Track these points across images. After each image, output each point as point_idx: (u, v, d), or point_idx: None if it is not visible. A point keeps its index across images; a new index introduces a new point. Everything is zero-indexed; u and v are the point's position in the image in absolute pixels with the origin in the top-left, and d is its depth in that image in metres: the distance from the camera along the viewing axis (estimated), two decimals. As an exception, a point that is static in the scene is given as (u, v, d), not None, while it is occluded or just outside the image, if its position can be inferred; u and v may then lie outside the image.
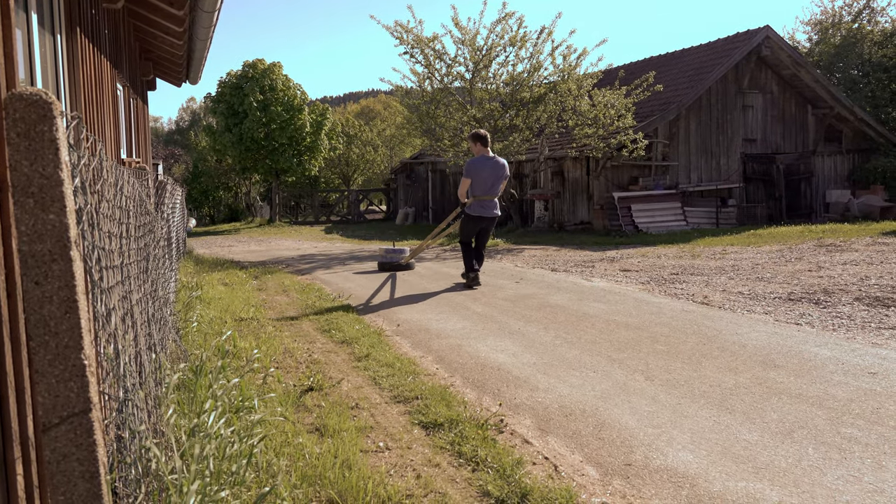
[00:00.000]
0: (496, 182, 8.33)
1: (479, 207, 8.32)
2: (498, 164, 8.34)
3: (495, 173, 8.31)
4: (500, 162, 8.36)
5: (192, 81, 12.13)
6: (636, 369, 4.57)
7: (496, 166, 8.32)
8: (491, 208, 8.38)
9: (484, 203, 8.33)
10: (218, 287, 8.58)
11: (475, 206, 8.33)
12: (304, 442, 3.25)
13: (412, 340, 5.72)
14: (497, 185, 8.35)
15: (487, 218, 8.41)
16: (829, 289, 7.10)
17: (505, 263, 11.30)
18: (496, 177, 8.32)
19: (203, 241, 21.14)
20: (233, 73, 28.31)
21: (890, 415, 3.53)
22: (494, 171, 8.30)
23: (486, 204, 8.34)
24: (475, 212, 8.34)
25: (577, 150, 17.62)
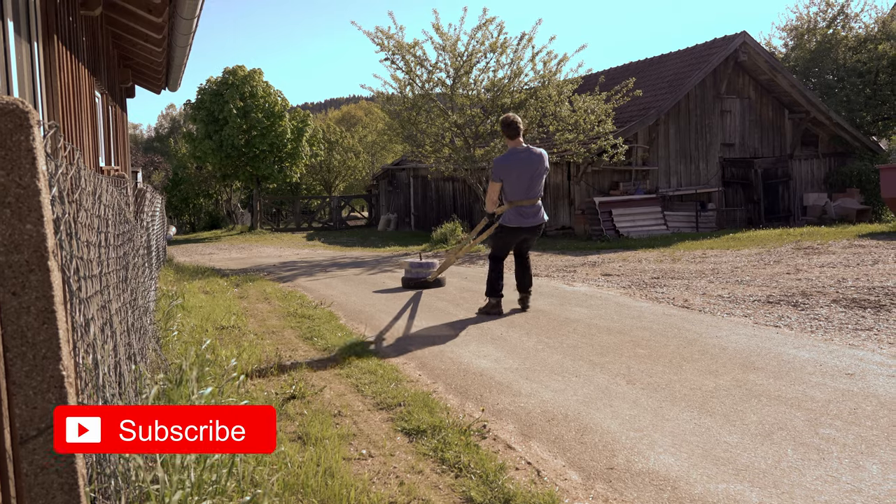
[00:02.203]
0: (535, 180, 6.63)
1: (517, 216, 6.66)
2: (533, 157, 6.61)
3: (532, 169, 6.60)
4: (535, 153, 6.63)
5: (171, 88, 12.07)
6: (618, 373, 4.60)
7: (531, 160, 6.61)
8: (532, 215, 6.68)
9: (523, 209, 6.65)
10: (199, 295, 8.52)
11: (512, 214, 6.68)
12: (287, 450, 3.24)
13: (395, 347, 5.71)
14: (537, 184, 6.65)
15: (528, 228, 6.73)
16: (808, 291, 7.18)
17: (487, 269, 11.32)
18: (534, 173, 6.61)
19: (184, 248, 20.98)
20: (213, 80, 28.19)
21: (867, 415, 3.58)
22: (530, 167, 6.59)
23: (525, 210, 6.65)
24: (513, 221, 6.69)
25: (558, 156, 17.70)
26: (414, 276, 9.08)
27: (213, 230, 33.14)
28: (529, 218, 6.67)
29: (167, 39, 8.28)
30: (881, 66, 22.50)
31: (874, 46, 23.05)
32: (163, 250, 12.53)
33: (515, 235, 6.79)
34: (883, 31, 23.70)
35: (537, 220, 6.72)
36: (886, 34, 23.44)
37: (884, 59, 22.56)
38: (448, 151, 18.23)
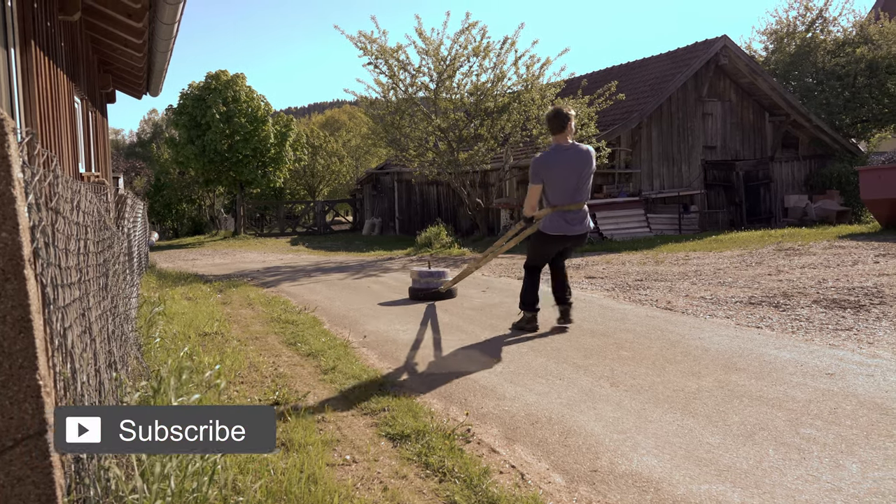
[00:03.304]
0: (581, 181, 5.80)
1: (560, 222, 5.82)
2: (580, 155, 5.78)
3: (578, 169, 5.75)
4: (581, 151, 5.81)
5: (153, 93, 12.00)
6: (602, 375, 4.62)
7: (577, 158, 5.76)
8: (578, 221, 5.85)
9: (567, 215, 5.80)
10: (181, 302, 8.46)
11: (554, 219, 5.83)
12: (270, 457, 3.22)
13: (379, 352, 5.70)
14: (584, 187, 5.83)
15: (573, 237, 5.94)
16: (789, 292, 7.25)
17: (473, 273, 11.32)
18: (580, 174, 5.77)
19: (166, 254, 20.84)
20: (195, 85, 28.04)
21: (847, 414, 3.61)
22: (576, 166, 5.75)
23: (569, 216, 5.81)
24: (555, 229, 5.84)
25: (541, 159, 17.75)
26: (423, 287, 8.26)
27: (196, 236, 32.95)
28: (575, 225, 5.83)
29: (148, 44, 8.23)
30: (859, 69, 22.78)
31: (852, 50, 23.34)
32: (145, 257, 12.43)
33: (557, 244, 5.99)
34: (861, 34, 24.00)
35: (583, 227, 5.87)
36: (864, 38, 23.73)
37: (862, 62, 22.84)
38: (432, 155, 18.25)
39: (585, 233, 5.94)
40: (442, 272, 8.39)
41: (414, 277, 8.48)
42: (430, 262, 9.20)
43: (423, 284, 8.28)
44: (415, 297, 8.24)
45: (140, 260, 9.95)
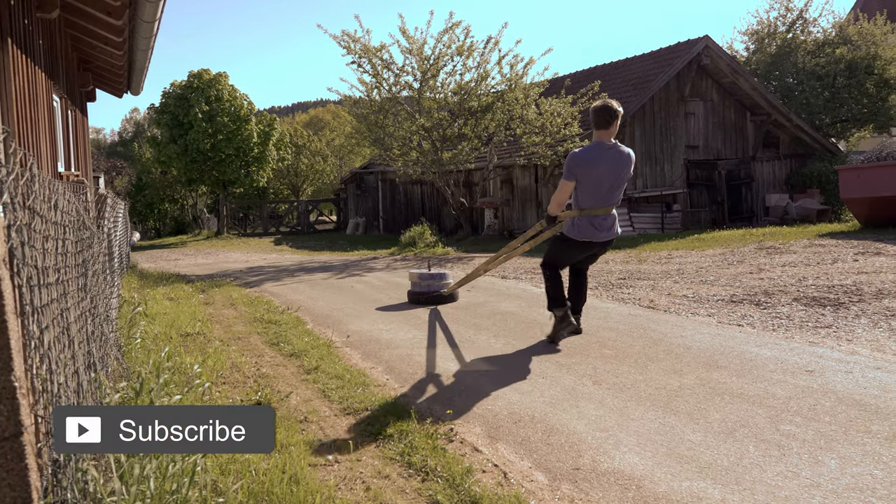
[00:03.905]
0: (617, 185, 5.30)
1: (588, 227, 5.31)
2: (621, 157, 5.25)
3: (617, 171, 5.25)
4: (623, 152, 5.28)
5: (133, 92, 11.90)
6: (584, 374, 4.63)
7: (618, 160, 5.24)
8: (605, 227, 5.35)
9: (595, 220, 5.31)
10: (163, 302, 8.40)
11: (581, 224, 5.32)
12: (251, 458, 3.20)
13: (362, 351, 5.69)
14: (617, 191, 5.34)
15: (598, 243, 5.44)
16: (770, 290, 7.31)
17: (456, 272, 11.32)
18: (618, 177, 5.27)
19: (148, 254, 20.67)
20: (177, 84, 27.84)
21: (826, 411, 3.65)
22: (616, 168, 5.23)
23: (597, 221, 5.31)
24: (582, 233, 5.33)
25: (525, 158, 17.81)
26: (424, 290, 7.68)
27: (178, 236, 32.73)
28: (603, 231, 5.34)
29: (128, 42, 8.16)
30: (839, 69, 23.01)
31: (832, 50, 23.57)
32: (126, 257, 12.32)
33: (581, 251, 5.51)
34: (840, 35, 24.24)
35: (612, 233, 5.41)
36: (843, 38, 23.98)
37: (841, 62, 23.07)
38: (416, 155, 18.24)
39: (613, 239, 5.49)
40: (443, 274, 7.85)
41: (413, 280, 7.88)
42: (430, 263, 8.50)
43: (423, 288, 7.72)
44: (414, 302, 7.74)
45: (121, 260, 9.86)
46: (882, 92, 23.14)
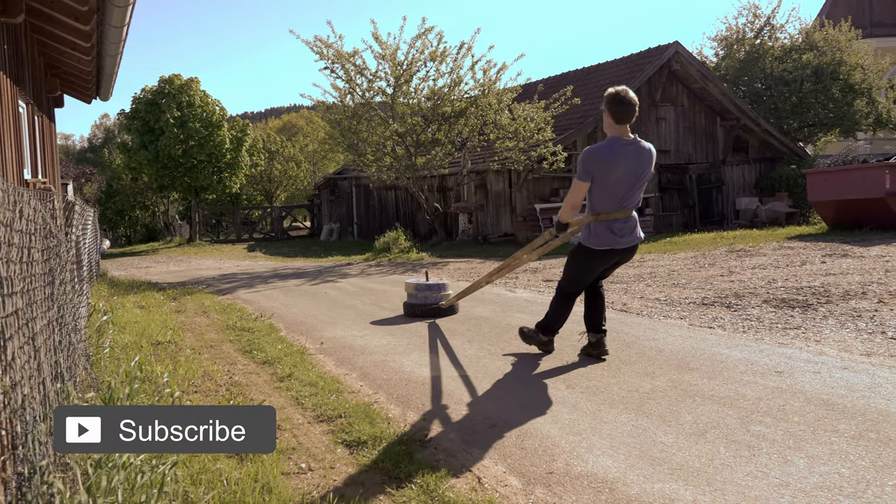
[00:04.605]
0: (637, 185, 4.73)
1: (606, 233, 4.73)
2: (642, 154, 4.69)
3: (638, 170, 4.67)
4: (644, 149, 4.72)
5: (103, 98, 11.74)
6: (558, 378, 4.65)
7: (639, 157, 4.67)
8: (628, 231, 4.78)
9: (614, 224, 4.73)
10: (133, 310, 8.28)
11: (599, 230, 4.75)
12: (223, 467, 3.16)
13: (336, 358, 5.66)
14: (638, 192, 4.78)
15: (620, 251, 4.86)
16: (740, 292, 7.41)
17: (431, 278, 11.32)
18: (639, 176, 4.70)
19: (118, 262, 20.39)
20: (148, 89, 27.52)
21: (794, 411, 3.70)
22: (637, 167, 4.66)
23: (617, 226, 4.73)
24: (601, 241, 4.76)
25: (499, 164, 17.88)
26: (421, 302, 7.16)
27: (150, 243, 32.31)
28: (625, 236, 4.76)
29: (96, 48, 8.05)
30: (805, 74, 23.43)
31: (799, 56, 24.00)
32: (96, 265, 12.14)
33: (602, 261, 4.89)
34: (807, 41, 24.70)
35: (634, 238, 4.81)
36: (810, 44, 24.43)
37: (808, 68, 23.50)
38: (389, 160, 18.22)
39: (636, 245, 4.89)
40: (442, 284, 7.29)
41: (410, 291, 7.31)
42: (427, 271, 7.94)
43: (420, 299, 7.17)
44: (411, 314, 7.22)
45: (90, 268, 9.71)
46: (847, 97, 23.62)
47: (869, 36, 31.99)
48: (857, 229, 13.07)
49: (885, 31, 36.46)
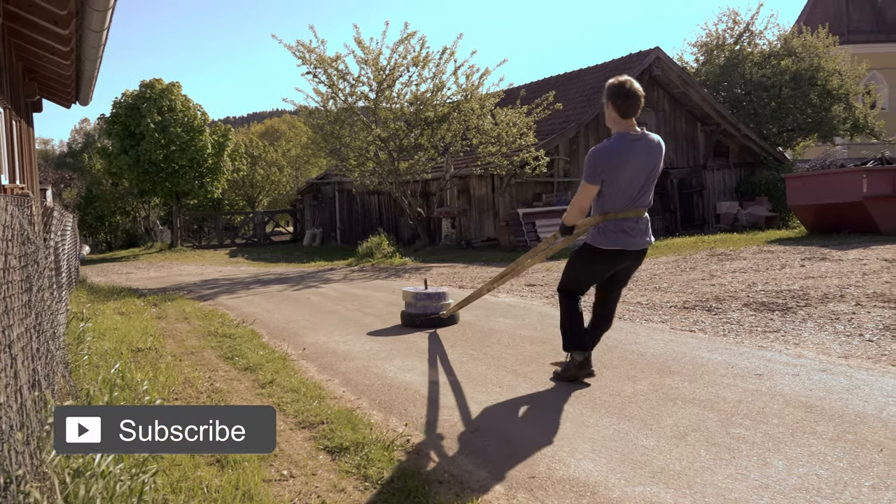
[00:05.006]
0: (649, 182, 4.40)
1: (618, 233, 4.35)
2: (651, 149, 4.34)
3: (648, 166, 4.34)
4: (653, 143, 4.37)
5: (82, 102, 11.62)
6: (540, 382, 4.67)
7: (649, 152, 4.33)
8: (639, 232, 4.41)
9: (626, 223, 4.36)
10: (113, 317, 8.20)
11: (608, 231, 4.37)
12: (203, 475, 3.14)
13: (319, 364, 5.64)
14: (649, 190, 4.44)
15: (632, 253, 4.44)
16: (721, 296, 7.47)
17: (413, 282, 11.31)
18: (650, 172, 4.36)
19: (99, 268, 20.19)
20: (129, 94, 27.32)
21: (774, 413, 3.74)
22: (647, 163, 4.33)
23: (629, 225, 4.37)
24: (610, 242, 4.36)
25: (481, 168, 17.90)
26: (420, 311, 6.85)
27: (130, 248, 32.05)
28: (637, 237, 4.38)
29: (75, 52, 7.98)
30: (784, 80, 23.70)
31: (777, 62, 24.27)
32: (75, 271, 12.02)
33: (610, 263, 4.48)
34: (785, 47, 24.98)
35: (645, 240, 4.44)
36: (788, 50, 24.71)
37: (786, 73, 23.78)
38: (372, 165, 18.20)
39: (647, 247, 4.52)
40: (442, 293, 6.96)
41: (408, 300, 6.99)
42: (426, 279, 7.54)
43: (419, 309, 6.85)
44: (409, 325, 6.88)
45: (70, 274, 9.61)
46: (825, 102, 23.91)
47: (846, 42, 32.43)
48: (836, 233, 13.21)
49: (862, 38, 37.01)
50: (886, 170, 13.33)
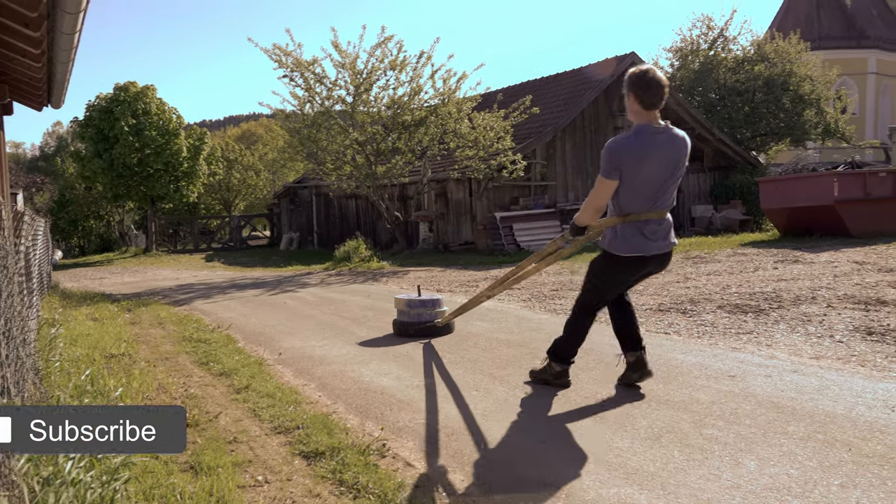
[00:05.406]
0: (672, 180, 4.06)
1: (637, 237, 4.04)
2: (676, 144, 4.04)
3: (673, 162, 4.02)
4: (678, 137, 4.06)
5: (54, 105, 11.45)
6: (517, 385, 4.68)
7: (673, 147, 4.02)
8: (661, 235, 4.11)
9: (646, 227, 4.05)
10: (86, 322, 8.09)
11: (626, 234, 4.06)
12: (177, 482, 3.11)
13: (295, 369, 5.61)
14: (672, 189, 4.10)
15: (654, 258, 4.16)
16: (695, 298, 7.54)
17: (391, 286, 11.30)
18: (674, 170, 4.03)
19: (72, 273, 19.92)
20: (102, 97, 26.98)
21: (746, 414, 3.78)
22: (672, 159, 4.01)
23: (649, 228, 4.06)
24: (630, 248, 4.07)
25: (459, 172, 17.94)
26: (414, 320, 6.53)
27: (104, 253, 31.62)
28: (658, 240, 4.08)
29: (47, 54, 7.87)
30: (757, 85, 24.04)
31: (751, 67, 24.61)
32: (47, 276, 11.85)
33: (632, 271, 4.19)
34: (758, 53, 25.35)
35: (668, 243, 4.15)
36: (761, 56, 25.08)
37: (759, 79, 24.12)
38: (349, 169, 18.16)
39: (670, 251, 4.23)
40: (437, 300, 6.65)
41: (400, 308, 6.66)
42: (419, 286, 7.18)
43: (413, 317, 6.53)
44: (402, 334, 6.57)
45: (41, 280, 9.47)
46: (797, 107, 24.29)
47: (817, 48, 32.99)
48: (808, 236, 13.42)
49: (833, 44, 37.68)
50: (857, 173, 13.58)
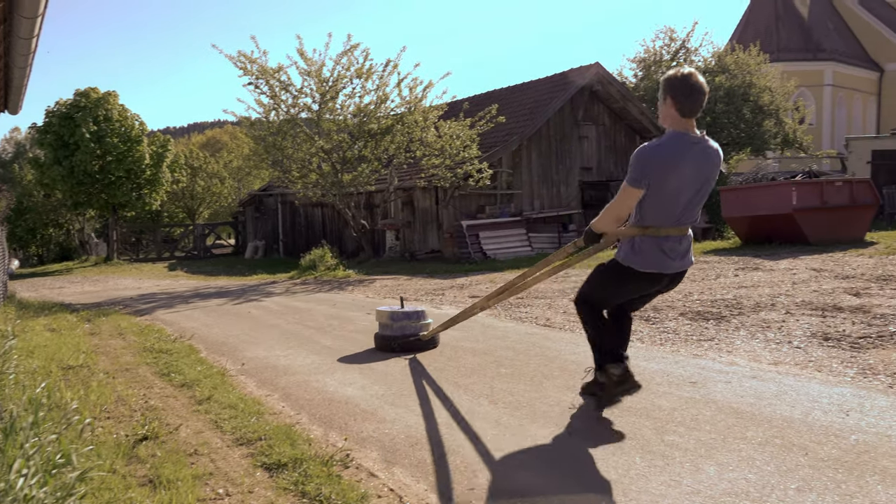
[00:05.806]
0: (701, 194, 3.76)
1: (655, 253, 3.76)
2: (709, 157, 3.70)
3: (703, 176, 3.71)
4: (712, 150, 3.71)
5: (11, 111, 11.20)
6: (481, 394, 4.69)
7: (707, 160, 3.69)
8: (680, 254, 3.83)
9: (666, 243, 3.77)
10: (43, 333, 7.91)
11: (645, 248, 3.77)
12: (135, 496, 3.05)
13: (258, 379, 5.54)
14: (698, 204, 3.80)
15: (672, 276, 3.92)
16: (658, 306, 7.63)
17: (356, 295, 11.25)
18: (703, 183, 3.72)
19: (29, 283, 19.46)
20: (62, 102, 26.49)
21: (706, 420, 3.84)
22: (703, 172, 3.69)
23: (669, 244, 3.77)
24: (646, 263, 3.78)
25: (425, 180, 17.95)
26: (398, 334, 6.20)
27: (64, 262, 30.99)
28: (677, 259, 3.82)
29: (4, 59, 7.71)
30: (718, 96, 24.50)
31: (712, 78, 25.08)
32: (3, 286, 11.56)
33: (643, 285, 3.95)
34: (719, 64, 25.87)
35: (685, 261, 3.88)
36: (722, 67, 25.59)
37: (720, 90, 24.59)
38: (315, 177, 18.07)
39: (686, 269, 3.96)
40: (421, 312, 6.34)
41: (383, 321, 6.31)
42: (402, 298, 6.78)
43: (396, 330, 6.21)
44: (385, 349, 6.25)
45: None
46: (757, 117, 24.82)
47: (776, 60, 33.74)
48: (768, 243, 13.68)
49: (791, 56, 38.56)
50: (814, 183, 13.90)
